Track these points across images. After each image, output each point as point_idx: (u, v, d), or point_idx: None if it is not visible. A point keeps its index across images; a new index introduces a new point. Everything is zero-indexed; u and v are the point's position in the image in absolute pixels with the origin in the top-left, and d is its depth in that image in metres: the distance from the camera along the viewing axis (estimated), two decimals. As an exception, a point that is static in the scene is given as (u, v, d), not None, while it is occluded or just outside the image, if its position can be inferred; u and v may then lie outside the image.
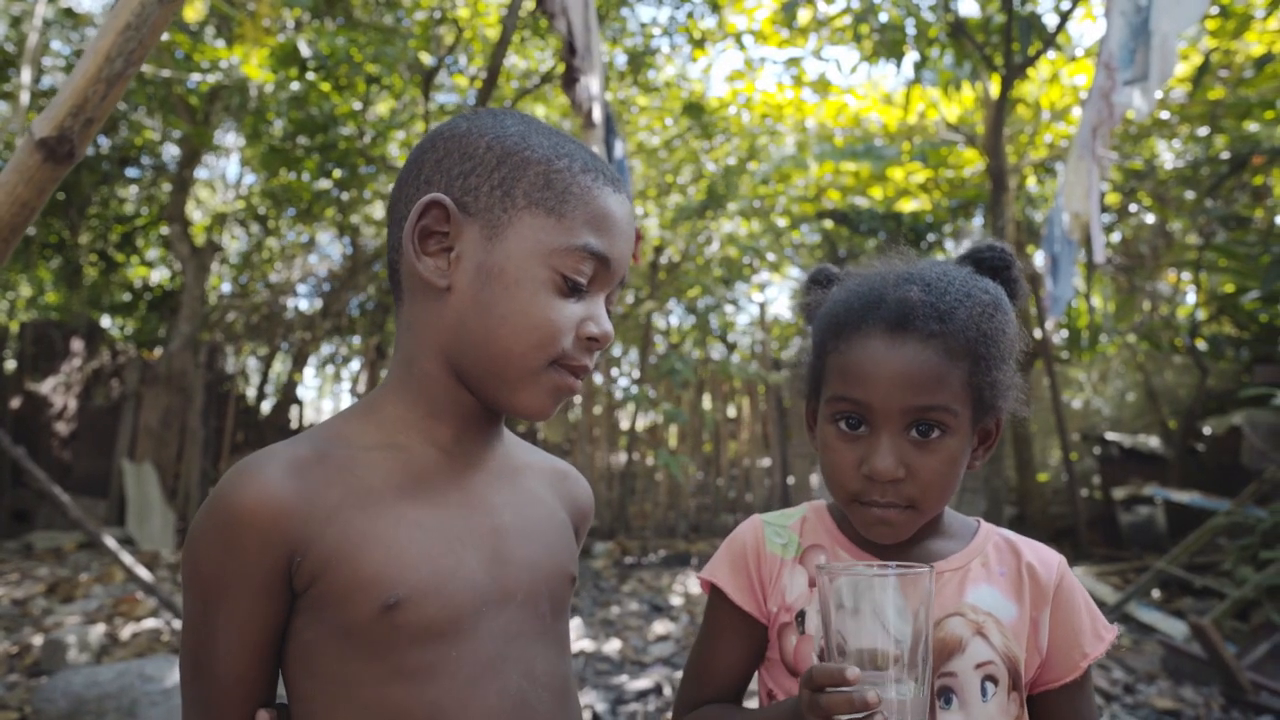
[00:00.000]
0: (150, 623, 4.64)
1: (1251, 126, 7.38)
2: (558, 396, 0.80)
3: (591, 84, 3.42)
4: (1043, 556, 0.89)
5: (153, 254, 10.93)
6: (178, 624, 4.52)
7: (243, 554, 0.72)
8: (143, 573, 4.44)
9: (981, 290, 0.85)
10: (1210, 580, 4.90)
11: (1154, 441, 7.85)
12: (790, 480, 8.12)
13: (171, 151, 9.12)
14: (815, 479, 8.45)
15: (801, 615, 0.88)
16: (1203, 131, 7.93)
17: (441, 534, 0.78)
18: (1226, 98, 7.40)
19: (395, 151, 8.92)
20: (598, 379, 9.06)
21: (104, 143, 8.47)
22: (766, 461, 8.65)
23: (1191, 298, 9.09)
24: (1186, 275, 9.11)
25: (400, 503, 0.77)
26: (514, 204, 0.78)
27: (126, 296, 10.57)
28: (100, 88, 1.09)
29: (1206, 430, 7.26)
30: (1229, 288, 7.84)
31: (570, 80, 3.27)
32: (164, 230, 9.63)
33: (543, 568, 0.83)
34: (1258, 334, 7.44)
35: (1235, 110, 7.37)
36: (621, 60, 8.22)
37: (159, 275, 11.15)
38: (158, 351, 9.35)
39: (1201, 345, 7.56)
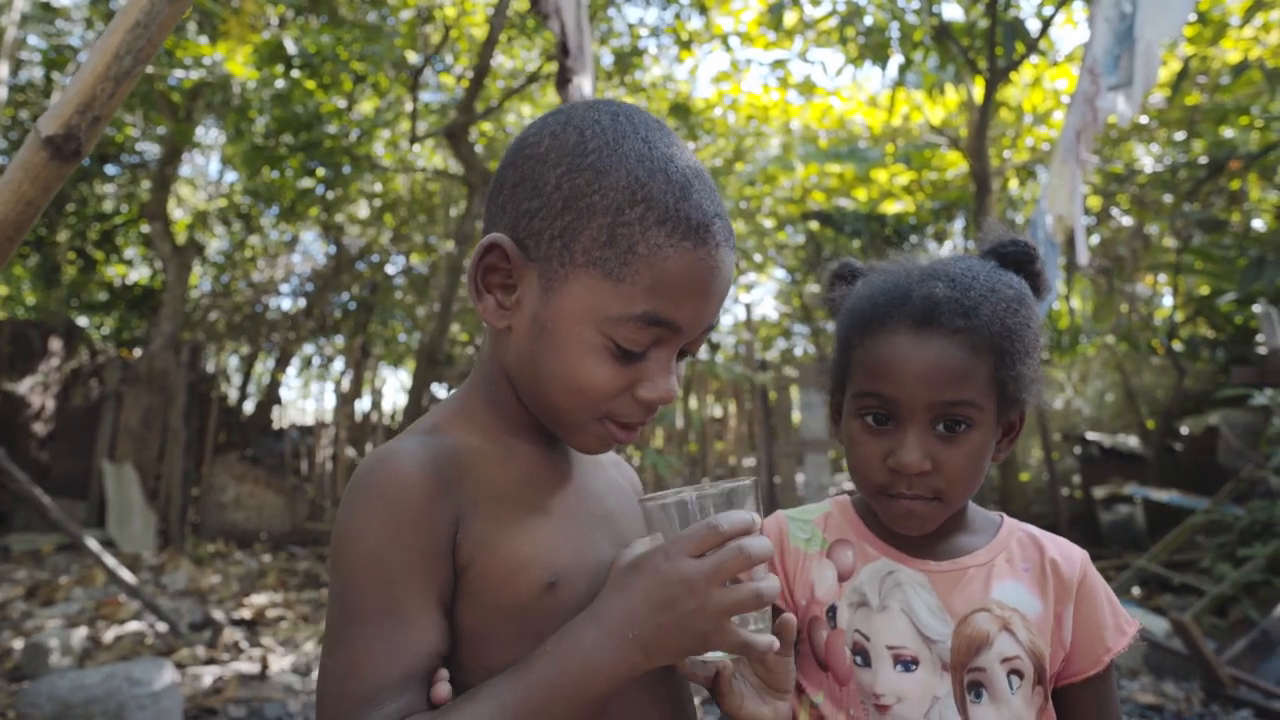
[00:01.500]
0: (133, 625, 4.58)
1: (1226, 132, 7.52)
2: (607, 444, 0.80)
3: (584, 85, 3.42)
4: (1066, 552, 0.89)
5: (131, 252, 10.79)
6: (162, 626, 4.47)
7: (414, 517, 0.71)
8: (126, 575, 4.39)
9: (1006, 285, 0.85)
10: (1189, 577, 4.99)
11: (1133, 441, 7.97)
12: (776, 480, 8.16)
13: (152, 148, 9.01)
14: (800, 478, 8.50)
15: (832, 610, 0.88)
16: (1180, 136, 8.07)
17: (572, 520, 0.80)
18: (1203, 103, 7.53)
19: (380, 150, 8.87)
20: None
21: (83, 139, 8.36)
22: (751, 461, 8.69)
23: (1169, 300, 9.23)
24: (1163, 277, 9.26)
25: (526, 494, 0.79)
26: (572, 259, 0.73)
27: (104, 295, 10.42)
28: (108, 85, 1.08)
29: (1184, 430, 7.39)
30: (1204, 289, 7.98)
31: (563, 80, 3.27)
32: (144, 228, 9.50)
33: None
34: (1233, 335, 7.57)
35: (1212, 115, 7.51)
36: (608, 60, 8.23)
37: (137, 274, 11.01)
38: (137, 351, 9.23)
39: (1178, 346, 7.69)
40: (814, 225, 10.28)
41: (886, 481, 0.84)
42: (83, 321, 10.25)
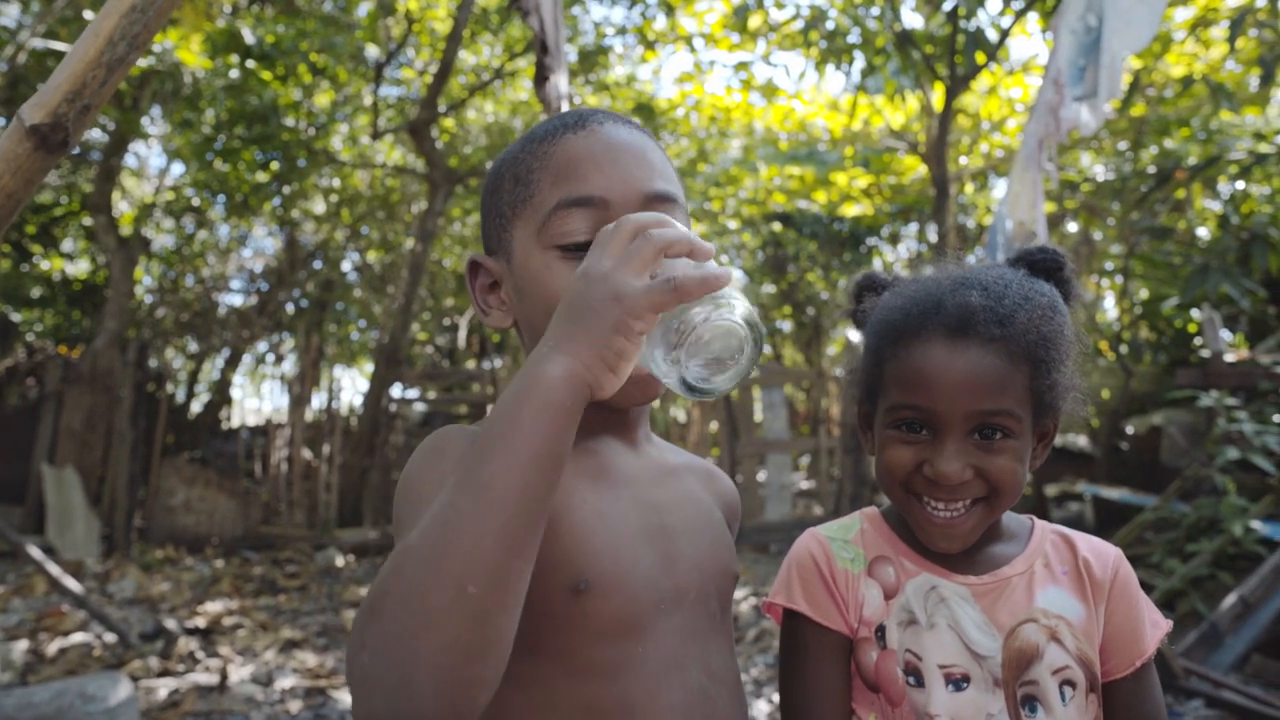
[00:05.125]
0: (79, 637, 4.38)
1: (1168, 142, 7.81)
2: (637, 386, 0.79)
3: (560, 82, 3.38)
4: (1098, 550, 0.88)
5: (69, 245, 10.33)
6: (110, 637, 4.28)
7: (456, 457, 0.69)
8: (71, 584, 4.20)
9: (1039, 293, 0.84)
10: (1139, 572, 5.14)
11: (1082, 440, 8.23)
12: (739, 478, 8.22)
13: (97, 138, 8.63)
14: (763, 475, 8.58)
15: (881, 629, 0.86)
16: (1124, 145, 8.36)
17: (622, 526, 0.77)
18: (1149, 115, 7.82)
19: (338, 145, 8.66)
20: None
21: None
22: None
23: (1112, 303, 9.57)
24: (1106, 282, 9.60)
25: (583, 488, 0.76)
26: (507, 221, 0.82)
27: (40, 290, 9.96)
28: (100, 73, 1.01)
29: (1129, 429, 7.66)
30: (1144, 293, 8.29)
31: (541, 78, 3.22)
32: (86, 221, 9.12)
33: (709, 567, 0.83)
34: (1174, 338, 7.88)
35: (1156, 127, 7.80)
36: (572, 57, 8.17)
37: (76, 268, 10.55)
38: (78, 349, 8.84)
39: (1124, 349, 7.96)
40: (776, 226, 10.39)
41: (921, 489, 0.83)
42: (17, 317, 9.78)
